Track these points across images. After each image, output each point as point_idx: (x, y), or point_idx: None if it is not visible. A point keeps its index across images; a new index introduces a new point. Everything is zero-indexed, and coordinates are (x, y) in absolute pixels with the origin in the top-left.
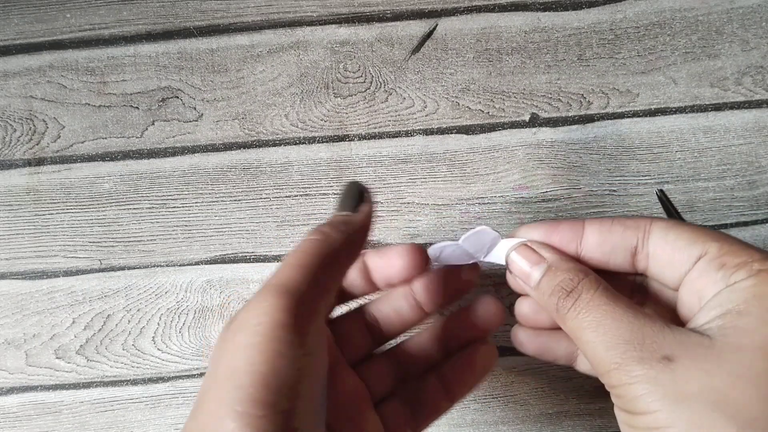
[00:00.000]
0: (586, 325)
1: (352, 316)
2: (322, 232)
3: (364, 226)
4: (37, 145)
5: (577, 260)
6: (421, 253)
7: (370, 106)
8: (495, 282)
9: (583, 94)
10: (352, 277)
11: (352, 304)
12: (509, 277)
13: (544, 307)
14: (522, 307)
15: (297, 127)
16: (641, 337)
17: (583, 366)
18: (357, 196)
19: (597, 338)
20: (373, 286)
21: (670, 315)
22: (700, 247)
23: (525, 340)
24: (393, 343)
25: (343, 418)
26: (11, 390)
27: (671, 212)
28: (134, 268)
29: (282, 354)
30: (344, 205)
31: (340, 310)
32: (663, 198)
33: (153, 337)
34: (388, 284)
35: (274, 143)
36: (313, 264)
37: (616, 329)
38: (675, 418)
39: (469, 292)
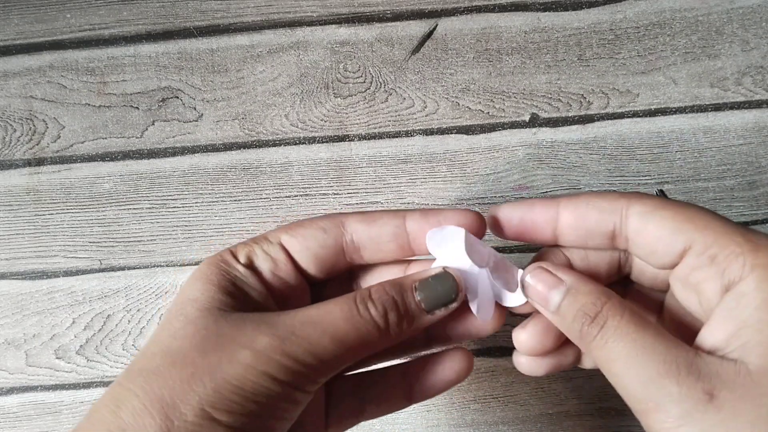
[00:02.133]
0: (614, 356)
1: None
2: (386, 321)
3: (423, 328)
4: (37, 145)
5: (596, 281)
6: (482, 221)
7: (370, 106)
8: None
9: (583, 94)
10: (385, 240)
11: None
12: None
13: (566, 331)
14: (520, 336)
15: (297, 127)
16: (676, 371)
17: (588, 364)
18: (445, 301)
19: (629, 372)
20: (407, 252)
21: (659, 301)
22: (684, 238)
23: (528, 367)
24: None
25: None
26: (11, 390)
27: None
28: (134, 268)
29: (270, 399)
30: (429, 296)
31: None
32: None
33: None
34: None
35: (274, 143)
36: (351, 352)
37: (648, 362)
38: None
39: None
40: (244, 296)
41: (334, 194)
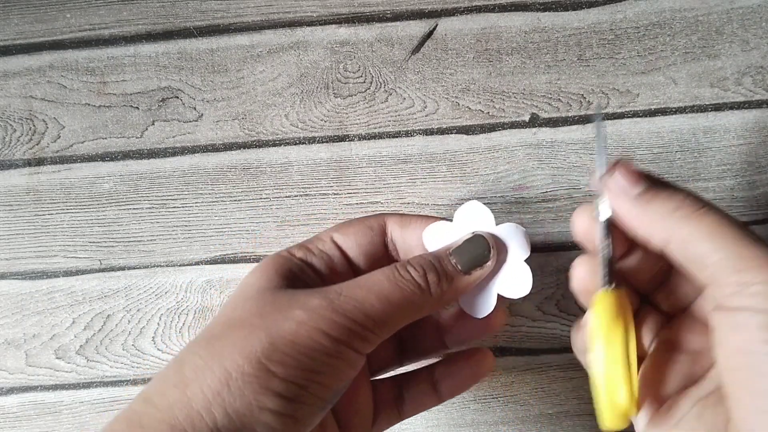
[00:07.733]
0: (709, 224)
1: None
2: (426, 281)
3: (465, 290)
4: (37, 145)
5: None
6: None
7: (370, 106)
8: None
9: (583, 94)
10: (414, 243)
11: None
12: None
13: (651, 211)
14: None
15: (297, 127)
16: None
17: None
18: (480, 259)
19: (722, 237)
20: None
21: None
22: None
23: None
24: None
25: None
26: (11, 390)
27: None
28: (134, 268)
29: (322, 355)
30: (464, 258)
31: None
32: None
33: (153, 337)
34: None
35: (274, 143)
36: (398, 311)
37: (738, 234)
38: None
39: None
40: (299, 283)
41: (334, 194)
